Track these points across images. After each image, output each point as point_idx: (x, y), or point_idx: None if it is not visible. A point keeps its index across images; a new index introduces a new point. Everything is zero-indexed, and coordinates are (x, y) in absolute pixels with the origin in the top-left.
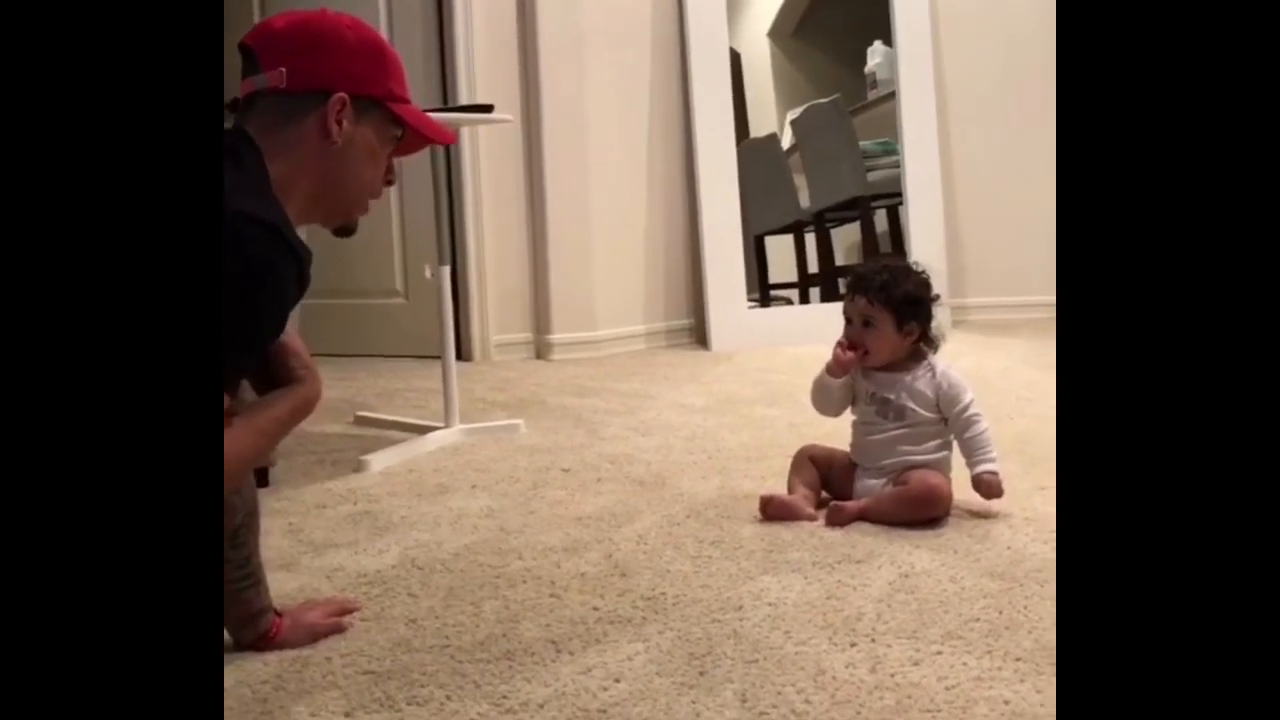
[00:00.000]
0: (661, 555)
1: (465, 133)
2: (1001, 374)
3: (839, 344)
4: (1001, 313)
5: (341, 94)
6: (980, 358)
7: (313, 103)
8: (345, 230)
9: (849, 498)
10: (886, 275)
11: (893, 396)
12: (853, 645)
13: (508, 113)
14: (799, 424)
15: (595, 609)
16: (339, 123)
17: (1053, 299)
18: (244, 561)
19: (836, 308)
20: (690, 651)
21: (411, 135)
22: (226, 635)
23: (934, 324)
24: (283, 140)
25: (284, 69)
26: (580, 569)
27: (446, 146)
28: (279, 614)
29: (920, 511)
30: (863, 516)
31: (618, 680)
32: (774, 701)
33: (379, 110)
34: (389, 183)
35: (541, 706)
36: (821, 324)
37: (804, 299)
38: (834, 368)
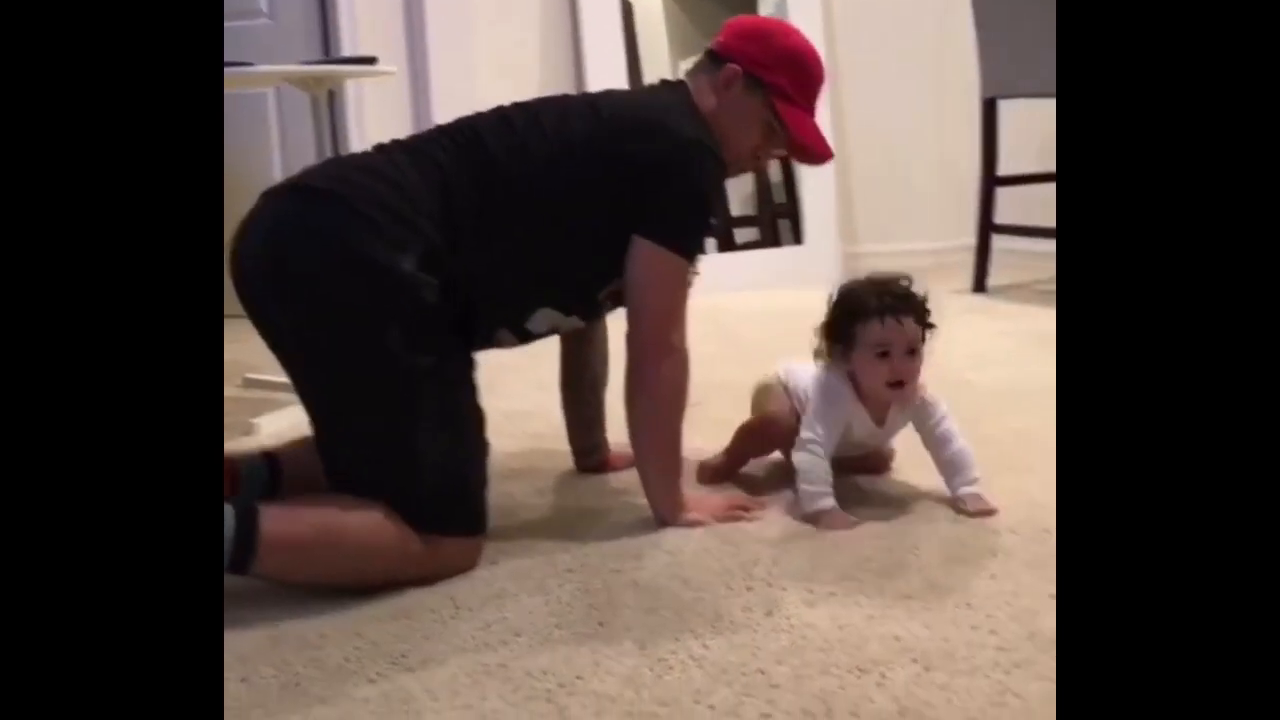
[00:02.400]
0: (561, 508)
1: (350, 86)
2: None
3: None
4: (890, 260)
5: (736, 66)
6: None
7: (719, 67)
8: (733, 174)
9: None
10: (910, 289)
11: (880, 444)
12: (749, 589)
13: (392, 65)
14: (694, 374)
15: (494, 564)
16: (727, 87)
17: (940, 245)
18: (596, 406)
19: (735, 258)
20: (590, 603)
21: (790, 139)
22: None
23: None
24: (697, 84)
25: (722, 40)
26: None
27: (330, 100)
28: (609, 447)
29: (758, 440)
30: (728, 473)
31: (518, 634)
32: (672, 648)
33: (762, 94)
34: (759, 167)
35: (441, 663)
36: (721, 273)
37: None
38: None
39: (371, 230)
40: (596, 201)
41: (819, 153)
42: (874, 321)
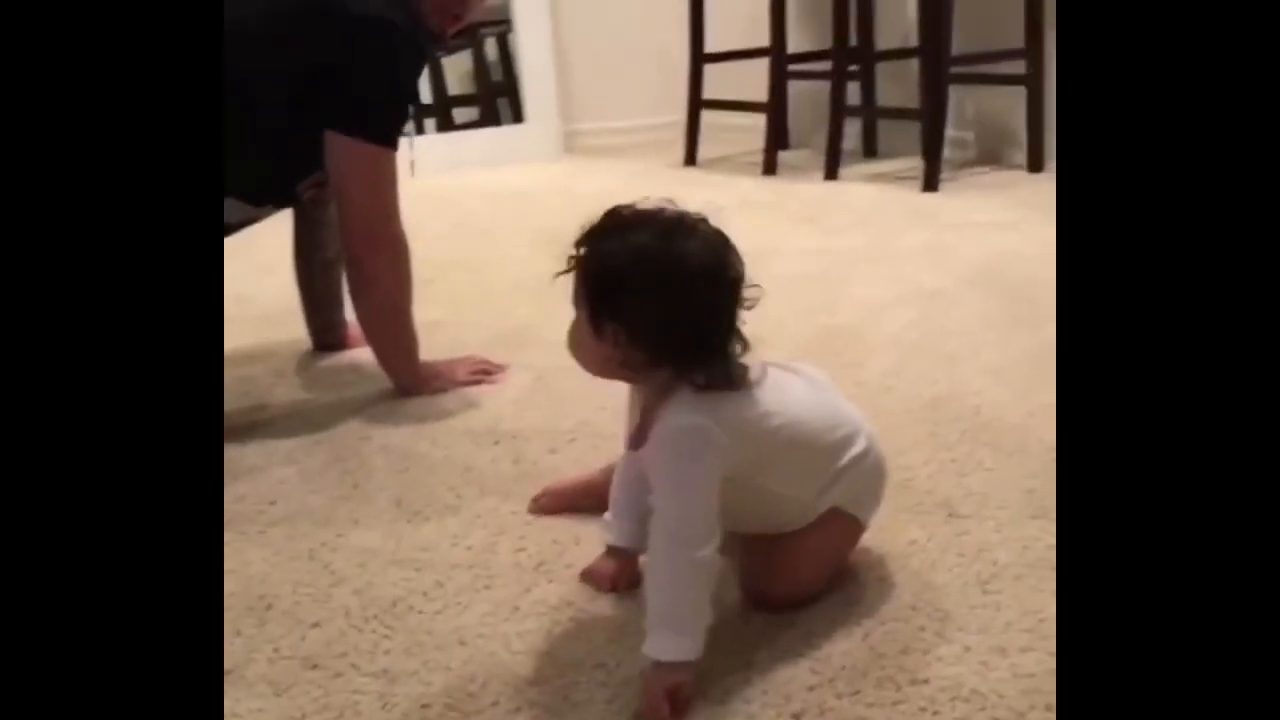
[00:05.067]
0: (303, 385)
1: None
2: (611, 194)
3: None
4: (608, 137)
5: None
6: (593, 180)
7: None
8: (437, 43)
9: None
10: (604, 220)
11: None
12: (495, 444)
13: None
14: (425, 252)
15: (241, 443)
16: None
17: (654, 121)
18: (329, 286)
19: (455, 137)
20: (343, 469)
21: None
22: None
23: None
24: None
25: None
26: None
27: None
28: (347, 324)
29: None
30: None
31: (273, 503)
32: (427, 500)
33: None
34: (457, 17)
35: None
36: (438, 155)
37: (419, 130)
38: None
39: None
40: (274, 90)
41: None
42: None
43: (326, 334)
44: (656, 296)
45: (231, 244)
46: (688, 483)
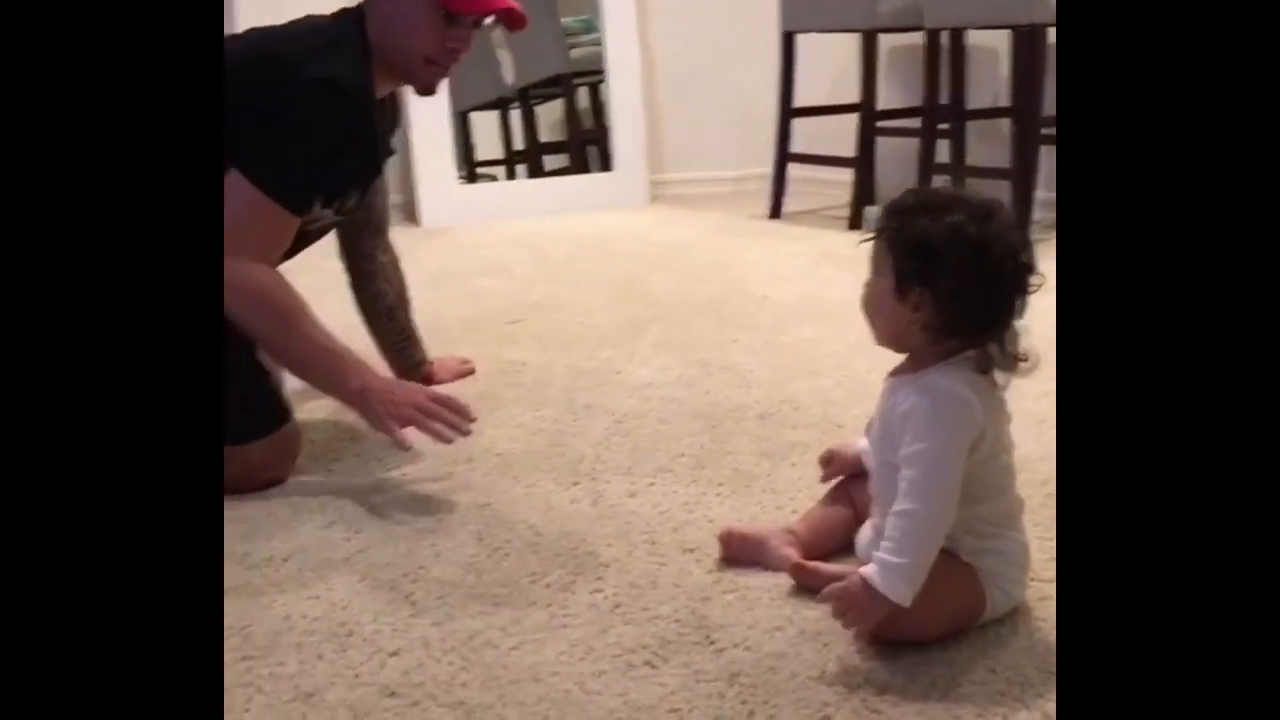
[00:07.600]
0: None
1: None
2: (695, 243)
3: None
4: (694, 186)
5: None
6: (677, 230)
7: None
8: (423, 91)
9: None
10: (913, 199)
11: (882, 411)
12: (575, 484)
13: None
14: (512, 293)
15: (330, 471)
16: None
17: (739, 173)
18: (399, 330)
19: (542, 184)
20: (427, 502)
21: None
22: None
23: (985, 318)
24: (368, 10)
25: None
26: (309, 436)
27: None
28: (430, 363)
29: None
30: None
31: (358, 532)
32: (508, 537)
33: None
34: (454, 53)
35: (286, 560)
36: (528, 200)
37: (510, 175)
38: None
39: None
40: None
41: (502, 15)
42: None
43: (411, 374)
44: (967, 268)
45: (333, 281)
46: (952, 450)
